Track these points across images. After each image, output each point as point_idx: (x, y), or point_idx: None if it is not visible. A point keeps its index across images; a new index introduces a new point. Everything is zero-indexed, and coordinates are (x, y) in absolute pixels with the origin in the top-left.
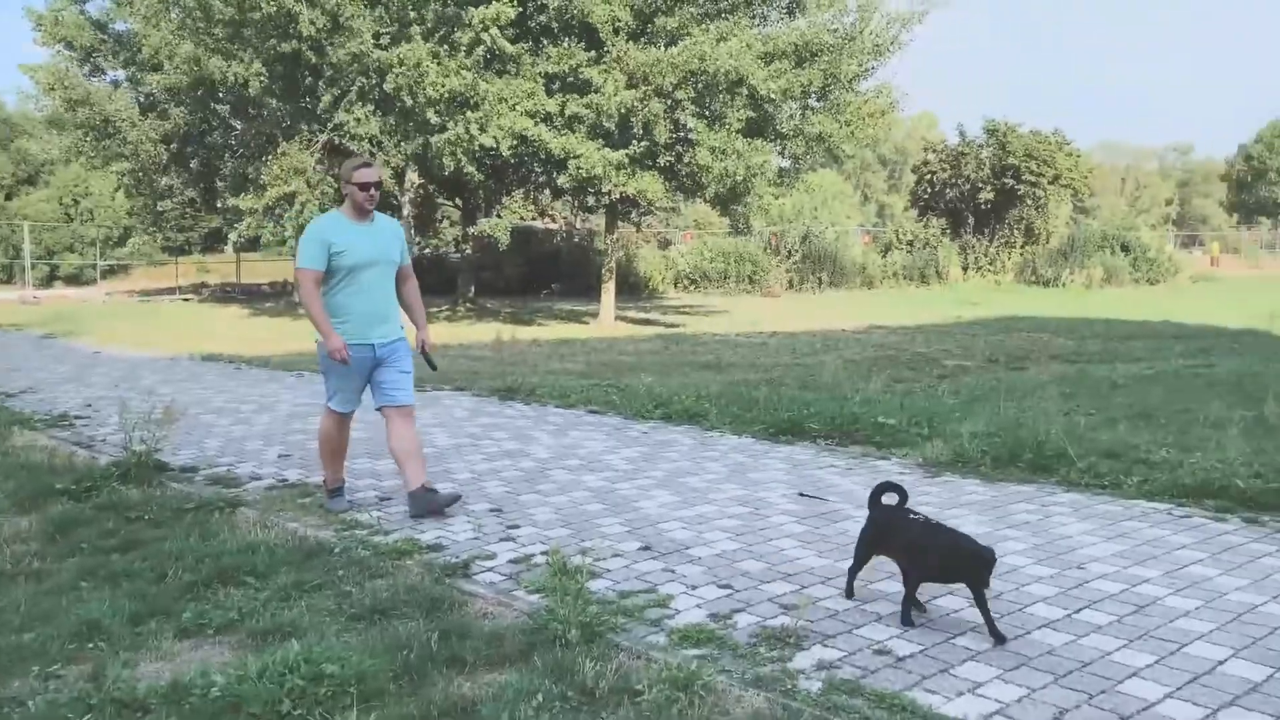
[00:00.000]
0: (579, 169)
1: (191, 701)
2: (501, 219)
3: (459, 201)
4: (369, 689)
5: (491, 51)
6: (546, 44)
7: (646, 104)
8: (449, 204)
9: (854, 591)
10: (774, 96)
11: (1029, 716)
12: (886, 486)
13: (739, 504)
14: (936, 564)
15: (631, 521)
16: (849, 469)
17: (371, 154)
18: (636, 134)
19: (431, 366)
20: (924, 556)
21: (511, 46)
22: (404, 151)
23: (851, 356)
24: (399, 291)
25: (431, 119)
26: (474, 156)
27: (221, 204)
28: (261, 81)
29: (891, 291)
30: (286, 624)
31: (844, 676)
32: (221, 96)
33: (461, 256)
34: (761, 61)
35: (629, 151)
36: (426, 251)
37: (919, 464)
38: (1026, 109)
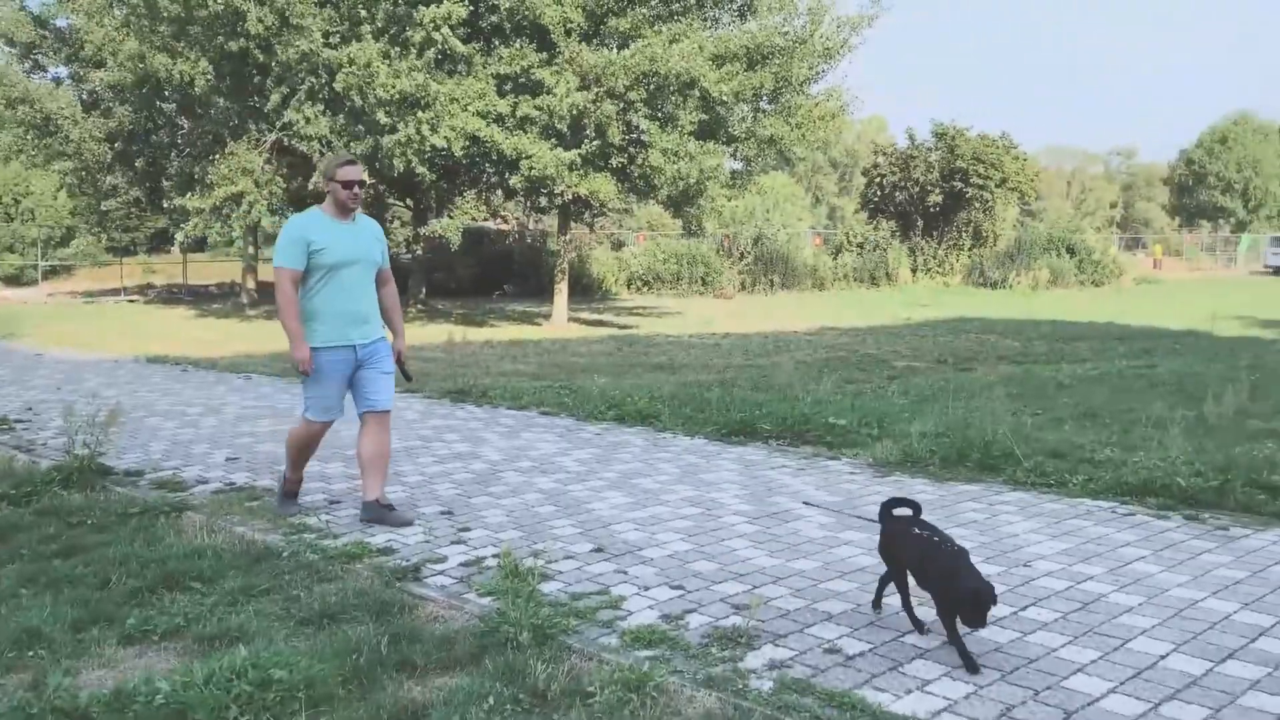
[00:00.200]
0: (531, 169)
1: (135, 709)
2: (453, 219)
3: (410, 202)
4: (318, 694)
5: (443, 51)
6: (498, 44)
7: (599, 106)
8: (400, 204)
9: (880, 602)
10: (726, 99)
11: (977, 713)
12: (897, 502)
13: (691, 505)
14: (936, 590)
15: (584, 523)
16: (800, 469)
17: (320, 154)
18: (589, 135)
19: (406, 377)
20: (922, 579)
21: (463, 46)
22: (354, 152)
23: (803, 358)
24: (377, 295)
25: (382, 119)
26: (425, 157)
27: (168, 204)
28: (208, 80)
29: (842, 293)
30: (234, 629)
31: (795, 675)
32: (167, 95)
33: (413, 257)
34: (713, 64)
35: (581, 151)
36: None
37: (869, 464)
38: (975, 113)
